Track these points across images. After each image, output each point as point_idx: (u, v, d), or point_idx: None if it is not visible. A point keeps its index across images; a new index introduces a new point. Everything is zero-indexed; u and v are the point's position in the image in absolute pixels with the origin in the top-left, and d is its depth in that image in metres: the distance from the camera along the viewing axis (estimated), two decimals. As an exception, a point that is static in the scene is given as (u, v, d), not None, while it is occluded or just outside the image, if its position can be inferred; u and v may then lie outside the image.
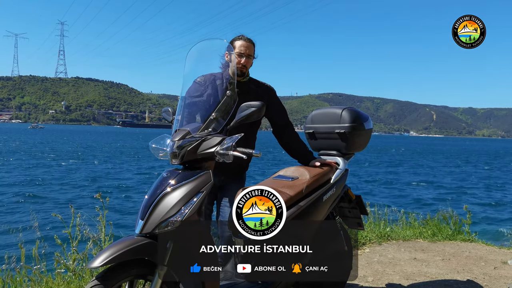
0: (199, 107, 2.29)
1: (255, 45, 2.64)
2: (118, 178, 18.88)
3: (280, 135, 2.82)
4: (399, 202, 13.94)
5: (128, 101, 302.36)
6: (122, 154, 34.25)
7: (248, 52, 2.58)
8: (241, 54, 2.56)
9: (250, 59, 2.61)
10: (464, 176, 25.75)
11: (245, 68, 2.60)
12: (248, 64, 2.61)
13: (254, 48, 2.64)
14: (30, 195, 13.35)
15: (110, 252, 1.73)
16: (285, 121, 2.82)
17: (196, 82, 2.48)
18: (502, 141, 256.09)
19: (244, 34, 2.65)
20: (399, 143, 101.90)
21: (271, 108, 2.75)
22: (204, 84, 2.47)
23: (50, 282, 3.11)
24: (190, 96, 2.35)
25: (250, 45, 2.60)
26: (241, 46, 2.57)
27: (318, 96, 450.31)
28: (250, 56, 2.60)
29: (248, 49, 2.58)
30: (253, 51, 2.62)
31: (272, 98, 2.76)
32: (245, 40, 2.59)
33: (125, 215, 10.72)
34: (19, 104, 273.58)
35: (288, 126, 2.83)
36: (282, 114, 2.81)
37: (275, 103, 2.77)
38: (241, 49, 2.57)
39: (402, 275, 3.67)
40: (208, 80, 2.50)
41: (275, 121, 2.80)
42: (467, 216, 5.41)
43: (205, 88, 2.42)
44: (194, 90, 2.41)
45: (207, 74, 2.54)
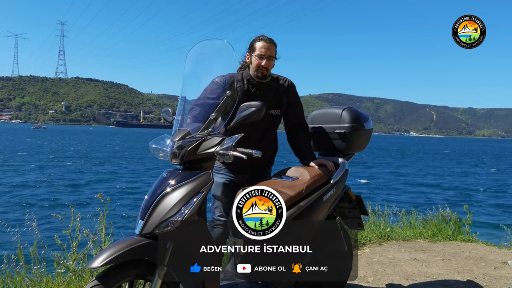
0: (213, 109, 2.19)
1: (276, 45, 2.58)
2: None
3: (291, 132, 2.79)
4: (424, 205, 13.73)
5: (128, 101, 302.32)
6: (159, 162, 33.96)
7: (269, 54, 2.52)
8: (261, 56, 2.51)
9: (272, 60, 2.56)
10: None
11: (267, 70, 2.55)
12: (269, 66, 2.55)
13: (276, 49, 2.58)
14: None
15: (110, 252, 1.72)
16: (300, 121, 2.78)
17: (215, 82, 2.38)
18: (502, 141, 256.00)
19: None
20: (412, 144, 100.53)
21: (290, 105, 2.72)
22: (223, 85, 2.36)
23: (50, 283, 3.11)
24: (205, 96, 2.27)
25: (271, 46, 2.54)
26: (262, 47, 2.52)
27: (318, 96, 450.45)
28: (272, 57, 2.55)
29: (269, 51, 2.52)
30: (274, 52, 2.56)
31: (291, 96, 2.71)
32: (266, 41, 2.53)
33: (125, 215, 10.72)
34: (19, 104, 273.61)
35: (302, 125, 2.79)
36: (298, 113, 2.77)
37: (293, 101, 2.73)
38: (262, 50, 2.51)
39: (402, 275, 3.67)
40: (227, 82, 2.39)
41: (290, 118, 2.76)
42: (467, 216, 5.41)
43: (223, 90, 2.31)
44: (211, 91, 2.32)
45: (227, 74, 2.41)
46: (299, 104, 2.79)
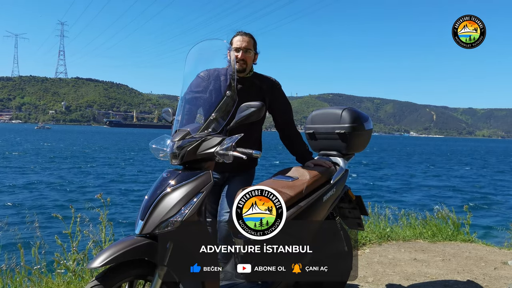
0: (200, 103, 2.24)
1: (254, 39, 2.58)
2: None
3: (282, 131, 2.78)
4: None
5: (128, 102, 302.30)
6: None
7: (245, 46, 2.52)
8: (237, 49, 2.52)
9: (249, 53, 2.55)
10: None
11: (245, 63, 2.54)
12: (247, 58, 2.54)
13: (254, 42, 2.58)
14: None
15: (110, 253, 1.72)
16: (288, 119, 2.77)
17: (199, 77, 2.42)
18: (503, 141, 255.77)
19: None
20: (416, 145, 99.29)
21: (275, 104, 2.70)
22: (208, 79, 2.40)
23: (50, 283, 3.11)
24: (191, 91, 2.30)
25: (246, 38, 2.54)
26: (238, 41, 2.53)
27: (318, 97, 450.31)
28: (249, 50, 2.54)
29: (244, 43, 2.52)
30: (251, 45, 2.55)
31: (276, 94, 2.70)
32: (242, 35, 2.55)
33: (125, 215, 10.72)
34: (19, 104, 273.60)
35: (290, 123, 2.78)
36: (285, 111, 2.75)
37: (278, 99, 2.71)
38: (238, 44, 2.53)
39: (402, 276, 3.67)
40: (212, 75, 2.43)
41: (278, 117, 2.75)
42: (467, 216, 5.41)
43: (207, 84, 2.35)
44: (196, 85, 2.35)
45: (211, 69, 2.48)
46: (286, 102, 2.76)
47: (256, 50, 2.61)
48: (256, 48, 2.61)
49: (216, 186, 2.63)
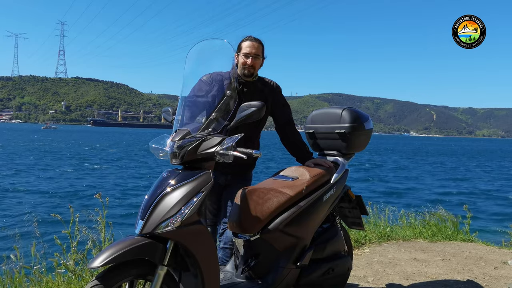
0: (201, 104, 2.27)
1: (263, 45, 2.63)
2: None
3: (282, 132, 2.84)
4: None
5: (128, 101, 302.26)
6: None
7: (254, 52, 2.57)
8: (247, 55, 2.56)
9: (258, 59, 2.60)
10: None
11: (253, 68, 2.60)
12: (255, 64, 2.60)
13: (263, 48, 2.63)
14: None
15: (110, 252, 1.72)
16: (288, 120, 2.84)
17: (202, 81, 2.46)
18: (503, 141, 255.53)
19: (245, 34, 2.64)
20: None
21: (275, 106, 2.77)
22: (211, 83, 2.44)
23: (50, 282, 3.11)
24: (194, 94, 2.33)
25: (257, 45, 2.59)
26: (247, 46, 2.58)
27: (318, 96, 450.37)
28: (258, 56, 2.59)
29: (254, 49, 2.57)
30: (260, 51, 2.61)
31: (276, 97, 2.78)
32: (252, 41, 2.59)
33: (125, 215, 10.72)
34: (19, 104, 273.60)
35: (290, 124, 2.84)
36: (285, 112, 2.83)
37: (279, 102, 2.79)
38: (247, 49, 2.57)
39: (402, 275, 3.67)
40: (215, 79, 2.47)
41: (278, 119, 2.82)
42: (467, 216, 5.40)
43: (210, 88, 2.39)
44: (198, 89, 2.38)
45: (213, 72, 2.53)
46: (286, 104, 2.85)
47: (264, 55, 2.67)
48: (264, 53, 2.66)
49: (217, 186, 2.63)
